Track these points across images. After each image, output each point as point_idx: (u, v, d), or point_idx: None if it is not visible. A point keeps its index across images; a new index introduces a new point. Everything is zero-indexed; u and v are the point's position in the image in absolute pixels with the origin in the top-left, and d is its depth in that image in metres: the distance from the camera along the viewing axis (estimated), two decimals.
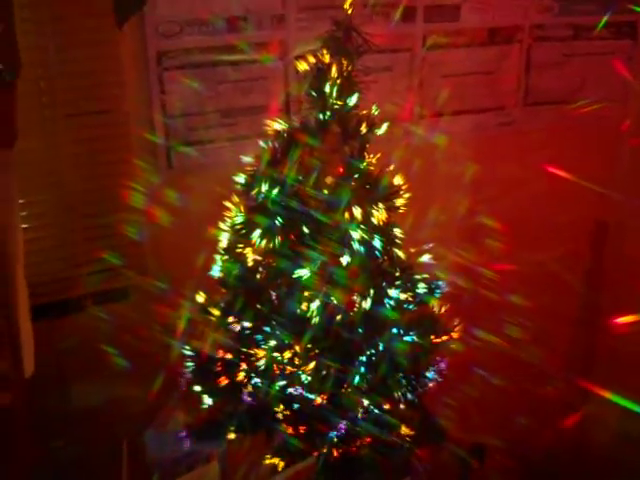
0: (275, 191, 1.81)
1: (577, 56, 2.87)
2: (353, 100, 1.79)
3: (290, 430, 1.86)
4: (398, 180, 1.86)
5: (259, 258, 1.86)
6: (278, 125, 1.86)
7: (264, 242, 1.80)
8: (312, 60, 1.80)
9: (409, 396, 1.92)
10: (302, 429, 1.85)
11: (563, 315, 3.13)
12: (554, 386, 3.18)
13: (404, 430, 1.95)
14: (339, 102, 1.77)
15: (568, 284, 3.00)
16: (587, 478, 3.17)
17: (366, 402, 1.85)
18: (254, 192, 1.85)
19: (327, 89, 1.76)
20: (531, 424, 3.04)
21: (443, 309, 1.99)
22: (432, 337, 1.96)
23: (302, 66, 1.81)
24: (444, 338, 1.99)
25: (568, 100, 2.89)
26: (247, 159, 1.89)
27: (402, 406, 1.93)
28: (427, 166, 2.48)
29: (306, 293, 1.81)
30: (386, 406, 1.90)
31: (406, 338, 1.88)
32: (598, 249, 3.15)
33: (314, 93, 1.79)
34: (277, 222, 1.81)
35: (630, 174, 2.93)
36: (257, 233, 1.82)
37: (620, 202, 2.95)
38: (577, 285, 3.14)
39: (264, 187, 1.82)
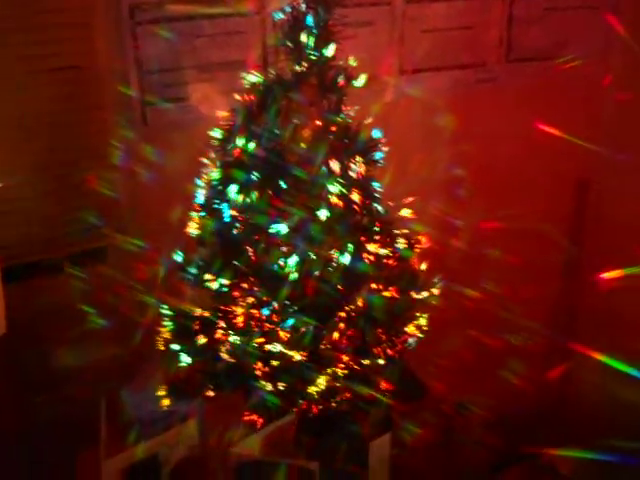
0: (252, 145, 1.78)
1: (559, 10, 2.82)
2: (330, 51, 1.75)
3: (269, 387, 1.85)
4: (377, 134, 1.83)
5: (236, 214, 1.83)
6: (254, 78, 1.82)
7: (241, 197, 1.77)
8: (289, 10, 1.75)
9: (389, 352, 1.92)
10: (281, 386, 1.84)
11: (546, 271, 3.13)
12: (536, 342, 3.20)
13: (384, 386, 1.94)
14: (315, 53, 1.73)
15: (551, 241, 2.99)
16: (569, 433, 3.20)
17: (345, 358, 1.84)
18: (230, 147, 1.81)
19: (303, 39, 1.72)
20: (514, 380, 3.05)
21: (423, 264, 1.97)
22: (412, 293, 1.94)
23: (278, 16, 1.76)
24: (424, 294, 1.97)
25: (551, 56, 2.84)
26: (223, 113, 1.85)
27: (382, 362, 1.92)
28: (407, 121, 2.46)
29: (284, 249, 1.78)
30: (366, 362, 1.89)
31: (385, 294, 1.87)
32: (580, 206, 3.14)
33: (290, 44, 1.74)
34: (254, 177, 1.77)
35: (613, 131, 2.90)
36: (233, 188, 1.79)
37: (603, 159, 2.93)
38: (560, 242, 3.13)
39: (240, 141, 1.79)
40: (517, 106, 2.78)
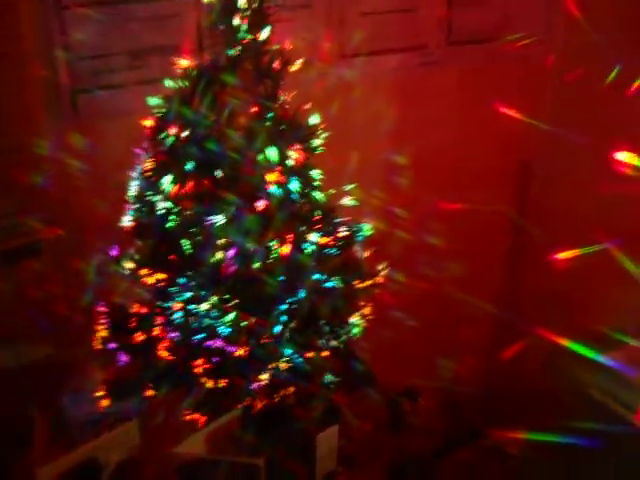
0: (185, 134, 1.71)
1: None
2: (264, 34, 1.68)
3: (211, 384, 1.79)
4: (315, 120, 1.77)
5: (171, 205, 1.75)
6: (187, 63, 1.75)
7: (175, 188, 1.70)
8: None
9: (333, 343, 1.87)
10: (223, 382, 1.78)
11: (492, 253, 3.13)
12: (486, 325, 3.21)
13: (329, 378, 1.90)
14: (249, 36, 1.66)
15: (497, 222, 2.99)
16: (518, 414, 3.21)
17: (288, 351, 1.79)
18: (163, 136, 1.74)
19: (236, 22, 1.65)
20: (462, 363, 3.05)
21: (366, 253, 1.93)
22: (356, 282, 1.90)
23: None
24: (368, 283, 1.93)
25: (492, 37, 2.82)
26: (155, 101, 1.77)
27: (326, 353, 1.88)
28: (347, 106, 2.39)
29: (222, 241, 1.72)
30: (310, 354, 1.84)
31: (328, 284, 1.82)
32: (523, 187, 3.14)
33: (223, 27, 1.67)
34: (188, 166, 1.70)
35: (555, 110, 2.89)
36: (167, 179, 1.71)
37: (546, 139, 2.93)
38: (505, 223, 3.13)
39: (173, 130, 1.71)
40: (460, 88, 2.75)
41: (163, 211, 1.75)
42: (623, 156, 2.35)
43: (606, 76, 2.49)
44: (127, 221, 1.82)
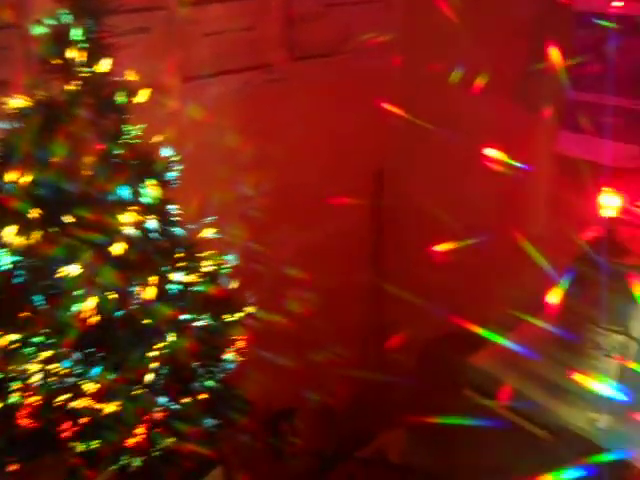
0: (26, 179, 1.56)
1: (338, 5, 2.81)
2: (103, 66, 1.57)
3: (82, 447, 1.64)
4: (167, 152, 1.68)
5: (18, 259, 1.60)
6: (19, 102, 1.60)
7: (19, 240, 1.55)
8: (51, 22, 1.55)
9: (210, 383, 1.78)
10: (94, 444, 1.64)
11: (354, 262, 3.14)
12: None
13: (207, 421, 1.80)
14: (87, 69, 1.54)
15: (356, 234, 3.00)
16: (394, 415, 3.23)
17: (163, 400, 1.68)
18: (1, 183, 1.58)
19: (71, 54, 1.53)
20: (335, 379, 3.04)
21: (234, 284, 1.86)
22: (226, 316, 1.82)
23: (39, 30, 1.56)
24: (239, 315, 1.85)
25: (336, 51, 2.82)
26: None
27: (204, 395, 1.78)
28: (196, 133, 2.29)
29: (78, 291, 1.58)
30: (186, 400, 1.74)
31: (198, 323, 1.73)
32: (378, 196, 3.17)
33: (56, 61, 1.54)
34: (33, 215, 1.56)
35: (403, 119, 2.92)
36: (10, 230, 1.56)
37: (397, 146, 2.96)
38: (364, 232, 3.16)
39: (12, 176, 1.56)
40: (309, 105, 2.72)
41: (9, 266, 1.59)
42: (491, 152, 2.40)
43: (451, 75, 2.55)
44: None
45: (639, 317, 1.85)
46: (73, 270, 1.54)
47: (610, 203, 1.89)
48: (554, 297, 1.88)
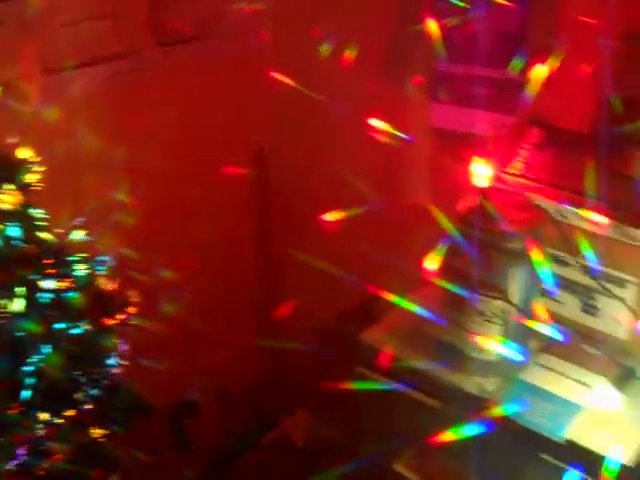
0: None
1: None
2: None
3: None
4: (24, 153, 1.59)
5: None
6: None
7: None
8: None
9: (95, 392, 1.71)
10: None
11: (239, 248, 3.10)
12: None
13: (98, 430, 1.73)
14: None
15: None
16: (294, 397, 3.24)
17: (44, 416, 1.60)
18: None
19: None
20: (231, 363, 3.00)
21: (112, 285, 1.79)
22: (106, 320, 1.75)
23: None
24: (120, 317, 1.79)
25: (205, 35, 2.74)
26: None
27: (89, 406, 1.71)
28: (60, 130, 2.17)
29: None
30: (71, 412, 1.66)
31: (75, 330, 1.65)
32: (260, 179, 3.14)
33: None
34: None
35: (279, 98, 2.88)
36: None
37: (276, 124, 2.92)
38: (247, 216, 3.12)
39: None
40: (181, 92, 2.63)
41: None
42: (376, 123, 2.37)
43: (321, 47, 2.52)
44: None
45: (515, 282, 1.90)
46: None
47: (481, 172, 1.92)
48: (431, 263, 1.89)
